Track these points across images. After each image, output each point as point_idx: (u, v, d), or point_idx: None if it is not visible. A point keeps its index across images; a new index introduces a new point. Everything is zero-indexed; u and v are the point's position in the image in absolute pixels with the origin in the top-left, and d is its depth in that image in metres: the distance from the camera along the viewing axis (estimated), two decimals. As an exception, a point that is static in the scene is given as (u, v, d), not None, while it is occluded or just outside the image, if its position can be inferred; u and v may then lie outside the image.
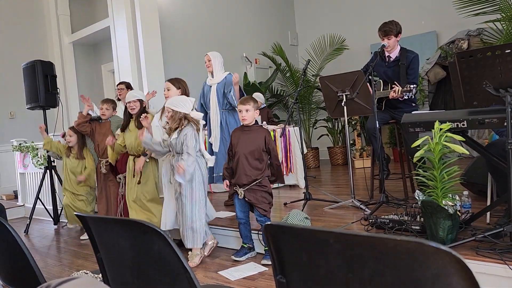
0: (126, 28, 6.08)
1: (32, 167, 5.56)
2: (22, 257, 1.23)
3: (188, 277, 0.90)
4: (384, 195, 3.39)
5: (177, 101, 3.11)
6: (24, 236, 4.64)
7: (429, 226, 2.35)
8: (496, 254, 2.10)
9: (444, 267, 0.61)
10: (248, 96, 3.20)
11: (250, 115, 3.01)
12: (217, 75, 4.24)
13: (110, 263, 1.20)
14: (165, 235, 0.93)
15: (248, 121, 3.03)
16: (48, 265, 3.45)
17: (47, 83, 4.90)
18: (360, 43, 8.01)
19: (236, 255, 3.06)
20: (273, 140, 5.06)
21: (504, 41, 5.08)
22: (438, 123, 2.29)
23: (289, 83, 8.26)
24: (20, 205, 6.02)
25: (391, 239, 0.65)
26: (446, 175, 2.27)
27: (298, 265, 0.84)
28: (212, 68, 4.24)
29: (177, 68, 6.87)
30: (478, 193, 3.45)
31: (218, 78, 4.22)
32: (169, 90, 3.44)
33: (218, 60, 4.27)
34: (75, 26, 7.75)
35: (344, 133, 7.65)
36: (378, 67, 3.84)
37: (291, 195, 4.57)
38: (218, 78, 4.22)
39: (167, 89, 3.45)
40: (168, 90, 3.44)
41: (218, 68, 4.25)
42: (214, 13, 7.73)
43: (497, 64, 2.19)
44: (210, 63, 4.23)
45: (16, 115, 7.18)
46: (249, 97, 3.10)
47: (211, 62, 4.22)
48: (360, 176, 5.61)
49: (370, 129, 3.68)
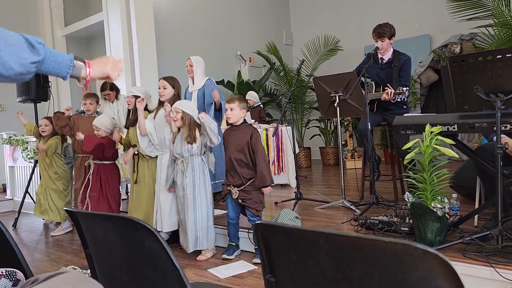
0: (120, 23, 6.03)
1: (21, 160, 5.51)
2: (10, 251, 1.22)
3: (177, 274, 0.90)
4: (374, 196, 3.42)
5: (187, 104, 3.15)
6: (12, 230, 4.59)
7: (418, 227, 2.37)
8: (482, 256, 2.13)
9: (431, 270, 0.61)
10: (235, 96, 3.19)
11: (235, 114, 3.00)
12: (198, 81, 4.14)
13: (99, 259, 1.20)
14: (155, 232, 0.92)
15: (233, 119, 3.02)
16: (36, 259, 3.43)
17: (39, 76, 4.85)
18: (354, 44, 8.05)
19: (227, 253, 3.06)
20: (265, 139, 5.07)
21: (496, 46, 5.13)
22: (429, 126, 2.31)
23: (283, 83, 8.27)
24: (8, 199, 5.97)
25: (379, 240, 0.65)
26: (435, 177, 2.30)
27: (287, 265, 0.84)
28: (193, 74, 4.13)
29: (170, 64, 6.84)
30: (467, 196, 3.49)
31: (199, 84, 4.11)
32: (166, 88, 3.39)
33: (200, 66, 4.14)
34: (68, 20, 7.67)
35: (336, 134, 7.68)
36: (371, 69, 3.86)
37: (282, 194, 4.58)
38: (199, 85, 4.11)
39: (163, 87, 3.40)
40: (165, 88, 3.39)
41: (200, 74, 4.13)
42: (209, 10, 7.70)
43: (488, 70, 2.22)
44: (192, 69, 4.11)
45: (7, 107, 7.11)
46: (235, 97, 3.09)
47: (193, 67, 4.10)
48: (351, 177, 5.64)
49: (363, 130, 3.70)
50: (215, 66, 7.59)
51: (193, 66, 4.09)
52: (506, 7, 5.11)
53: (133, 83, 5.99)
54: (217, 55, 7.72)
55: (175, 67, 6.87)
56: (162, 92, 3.40)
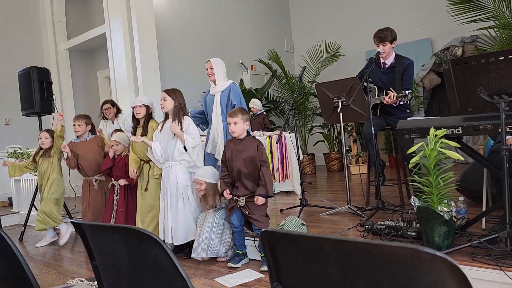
0: (122, 35, 6.08)
1: (27, 173, 5.52)
2: (17, 264, 1.22)
3: (184, 284, 0.90)
4: (380, 201, 3.40)
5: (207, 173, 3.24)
6: (19, 243, 4.60)
7: (425, 232, 2.36)
8: (491, 260, 2.11)
9: (440, 274, 0.61)
10: (237, 108, 3.19)
11: (238, 128, 3.02)
12: (220, 83, 3.92)
13: (106, 270, 1.20)
14: (161, 242, 0.92)
15: (237, 133, 3.04)
16: (43, 272, 3.42)
17: (43, 89, 4.89)
18: (355, 49, 8.06)
19: (233, 261, 3.05)
20: (269, 146, 5.07)
21: (497, 48, 5.13)
22: (433, 129, 2.30)
23: (285, 90, 8.29)
24: (14, 212, 5.98)
25: (386, 245, 0.65)
26: (441, 181, 2.28)
27: (294, 272, 0.83)
28: (214, 76, 3.89)
29: (173, 74, 6.88)
30: (474, 199, 3.46)
31: (221, 86, 3.89)
32: (165, 100, 3.41)
33: (221, 68, 3.93)
34: (71, 33, 7.75)
35: (340, 139, 7.67)
36: (374, 73, 3.86)
37: (287, 201, 4.56)
38: (222, 86, 3.89)
39: (163, 99, 3.42)
40: (165, 100, 3.41)
41: (221, 75, 3.92)
42: (210, 19, 7.76)
43: (491, 71, 2.21)
44: (212, 71, 3.89)
45: (12, 121, 7.15)
46: (237, 109, 3.10)
47: (213, 70, 3.88)
48: (356, 182, 5.62)
49: (367, 134, 3.69)
50: (218, 75, 7.62)
51: (213, 68, 3.89)
52: (507, 9, 5.11)
53: (136, 94, 6.02)
54: (219, 64, 7.74)
55: (177, 77, 6.92)
56: (163, 103, 3.43)
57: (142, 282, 1.05)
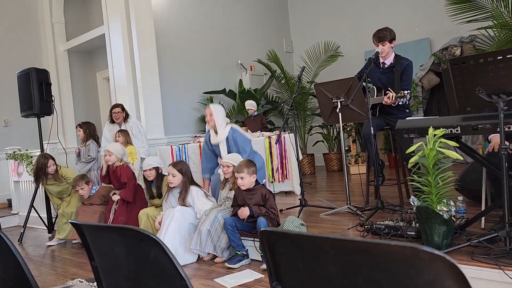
0: (121, 36, 6.08)
1: (26, 175, 5.52)
2: (16, 265, 1.22)
3: (184, 284, 0.90)
4: (379, 201, 3.40)
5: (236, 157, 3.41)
6: (18, 245, 4.59)
7: (424, 231, 2.36)
8: (491, 259, 2.11)
9: (439, 273, 0.61)
10: (242, 163, 3.19)
11: (246, 182, 3.13)
12: (221, 131, 3.92)
13: (105, 271, 1.20)
14: (161, 242, 0.92)
15: (246, 186, 3.15)
16: (43, 273, 3.42)
17: (42, 90, 4.89)
18: (354, 50, 8.07)
19: (230, 262, 3.06)
20: (269, 147, 5.08)
21: (496, 47, 5.13)
22: (432, 129, 2.31)
23: (284, 90, 8.29)
24: (14, 214, 5.97)
25: (385, 244, 0.65)
26: (440, 180, 2.29)
27: (294, 272, 0.84)
28: (214, 123, 3.87)
29: (172, 75, 6.87)
30: (473, 198, 3.47)
31: (223, 134, 3.91)
32: (174, 176, 3.48)
33: (221, 114, 3.90)
34: (70, 34, 7.75)
35: (339, 139, 7.67)
36: (373, 73, 3.87)
37: (286, 202, 4.56)
38: (223, 135, 3.91)
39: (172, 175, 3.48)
40: (174, 176, 3.47)
41: (221, 122, 3.91)
42: (209, 20, 7.76)
43: (490, 71, 2.22)
44: (212, 118, 3.85)
45: (11, 123, 7.15)
46: (243, 164, 3.15)
47: (213, 116, 3.83)
48: (356, 182, 5.62)
49: (366, 134, 3.69)
50: (216, 75, 7.63)
51: (213, 115, 3.85)
52: (505, 8, 5.12)
53: (135, 95, 6.02)
54: (218, 64, 7.75)
55: (176, 78, 6.92)
56: (171, 180, 3.50)
57: (142, 282, 1.05)
